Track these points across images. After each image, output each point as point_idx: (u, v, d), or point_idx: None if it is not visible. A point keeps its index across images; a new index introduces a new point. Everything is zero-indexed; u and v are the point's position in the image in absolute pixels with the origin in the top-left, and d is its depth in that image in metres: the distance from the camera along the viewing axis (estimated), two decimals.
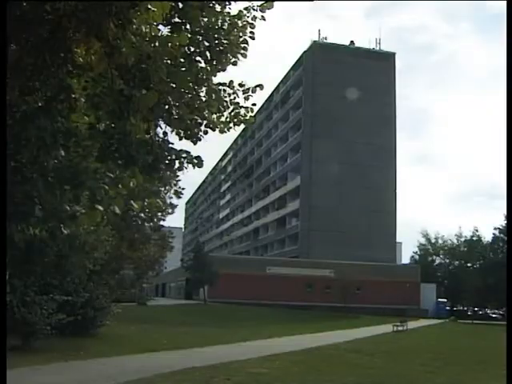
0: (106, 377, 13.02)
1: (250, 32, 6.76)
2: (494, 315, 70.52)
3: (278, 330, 31.82)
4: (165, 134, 6.58)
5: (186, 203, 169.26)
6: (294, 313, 52.04)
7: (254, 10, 6.68)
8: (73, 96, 5.74)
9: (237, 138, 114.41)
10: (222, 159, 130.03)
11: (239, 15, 6.70)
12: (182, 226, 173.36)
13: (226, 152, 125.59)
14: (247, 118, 7.23)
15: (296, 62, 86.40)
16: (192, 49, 6.51)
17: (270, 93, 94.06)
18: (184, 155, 6.55)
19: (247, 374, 14.17)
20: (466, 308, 77.07)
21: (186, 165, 6.60)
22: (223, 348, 20.82)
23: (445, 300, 73.16)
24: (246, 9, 6.71)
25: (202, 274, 58.42)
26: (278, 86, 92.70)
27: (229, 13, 6.72)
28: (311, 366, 16.45)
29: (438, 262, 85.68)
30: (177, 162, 6.55)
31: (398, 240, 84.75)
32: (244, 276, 63.83)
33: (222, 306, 53.74)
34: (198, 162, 6.63)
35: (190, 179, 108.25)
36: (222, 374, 13.80)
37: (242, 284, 62.75)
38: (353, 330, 35.78)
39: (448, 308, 72.13)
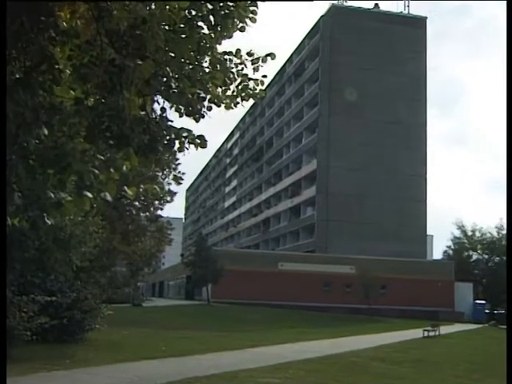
0: None
1: None
2: None
3: (291, 334, 31.85)
4: (163, 110, 6.53)
5: (187, 190, 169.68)
6: (309, 315, 52.09)
7: None
8: (56, 67, 5.68)
9: (244, 115, 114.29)
10: (227, 140, 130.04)
11: None
12: (183, 217, 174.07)
13: (232, 132, 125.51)
14: (257, 91, 7.17)
15: (312, 29, 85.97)
16: (193, 12, 6.43)
17: (282, 64, 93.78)
18: (185, 134, 6.50)
19: None
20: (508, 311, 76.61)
21: (187, 145, 6.55)
22: (229, 355, 20.85)
23: (483, 302, 72.73)
24: None
25: (204, 271, 58.55)
26: (292, 56, 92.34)
27: None
28: (329, 376, 16.45)
29: (475, 257, 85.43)
30: (177, 141, 6.49)
31: (428, 232, 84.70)
32: (253, 273, 63.96)
33: (228, 308, 53.87)
34: (200, 141, 6.58)
35: (191, 163, 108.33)
36: None
37: (250, 282, 62.88)
38: (377, 334, 35.77)
39: (487, 311, 71.76)
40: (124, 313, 39.12)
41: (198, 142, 6.59)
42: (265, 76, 7.22)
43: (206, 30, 6.60)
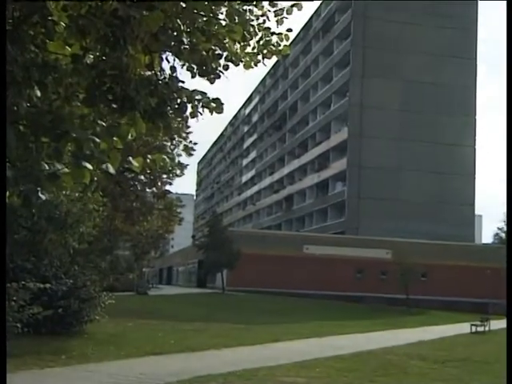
0: None
1: None
2: None
3: (318, 327, 31.94)
4: (173, 69, 6.49)
5: (199, 163, 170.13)
6: (338, 306, 52.20)
7: None
8: (50, 18, 5.64)
9: (265, 77, 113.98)
10: (245, 105, 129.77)
11: None
12: (194, 193, 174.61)
13: (251, 96, 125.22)
14: (280, 48, 7.10)
15: None
16: None
17: (308, 18, 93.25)
18: (198, 97, 6.45)
19: None
20: None
21: (200, 110, 6.50)
22: (247, 350, 20.94)
23: None
24: None
25: (219, 255, 58.71)
26: (319, 8, 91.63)
27: None
28: (362, 375, 16.46)
29: None
30: (189, 105, 6.45)
31: (477, 212, 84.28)
32: (274, 257, 64.09)
33: (245, 297, 54.11)
34: (216, 105, 6.52)
35: (204, 132, 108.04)
36: None
37: (271, 268, 63.05)
38: (416, 329, 35.79)
39: None
40: (127, 302, 39.40)
41: (213, 106, 6.54)
42: (290, 30, 7.15)
43: None
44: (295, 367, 17.04)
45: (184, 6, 6.15)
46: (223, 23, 6.64)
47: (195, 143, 45.60)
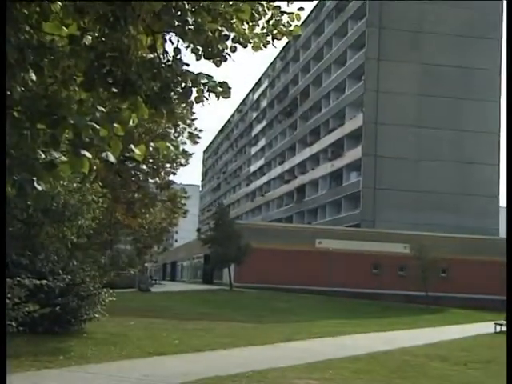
0: None
1: None
2: None
3: (331, 326, 31.95)
4: (177, 50, 6.48)
5: (205, 152, 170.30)
6: (354, 303, 52.21)
7: None
8: None
9: (275, 60, 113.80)
10: (253, 90, 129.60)
11: None
12: (199, 184, 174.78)
13: (260, 80, 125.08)
14: (291, 28, 7.10)
15: None
16: None
17: None
18: (204, 81, 6.44)
19: None
20: None
21: (206, 94, 6.49)
22: (256, 350, 20.98)
23: None
24: None
25: (226, 249, 58.74)
26: None
27: None
28: (378, 378, 16.47)
29: None
30: (194, 90, 6.44)
31: (502, 204, 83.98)
32: (284, 252, 64.15)
33: (254, 293, 54.18)
34: (223, 90, 6.51)
35: (210, 118, 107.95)
36: None
37: (281, 263, 63.12)
38: (436, 328, 35.77)
39: None
40: (129, 299, 39.50)
41: (220, 90, 6.53)
42: (301, 9, 7.14)
43: None
44: (307, 368, 17.06)
45: None
46: (230, 2, 6.63)
47: (200, 130, 45.64)
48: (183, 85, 6.37)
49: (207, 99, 6.55)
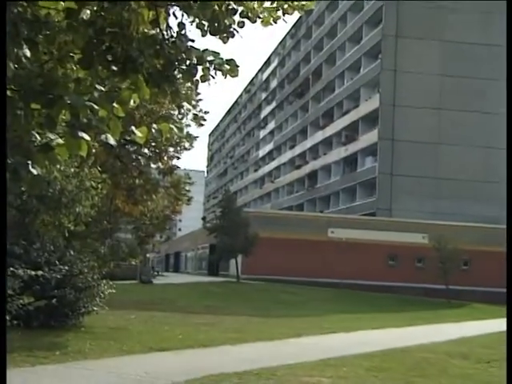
0: None
1: None
2: None
3: (344, 320, 32.01)
4: (181, 26, 6.45)
5: (210, 135, 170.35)
6: (369, 296, 52.24)
7: None
8: None
9: (285, 36, 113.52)
10: (262, 69, 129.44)
11: None
12: (204, 169, 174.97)
13: (269, 58, 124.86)
14: (303, 2, 7.06)
15: None
16: None
17: None
18: (210, 58, 6.42)
19: None
20: None
21: (212, 72, 6.47)
22: (265, 346, 21.01)
23: None
24: None
25: (233, 239, 58.82)
26: None
27: None
28: (395, 376, 16.44)
29: None
30: (199, 68, 6.42)
31: None
32: (295, 242, 64.20)
33: (263, 286, 54.27)
34: (230, 67, 6.49)
35: (216, 99, 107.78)
36: None
37: (291, 253, 63.17)
38: (457, 324, 35.76)
39: None
40: (130, 292, 39.62)
41: (227, 68, 6.51)
42: None
43: None
44: (319, 365, 17.04)
45: None
46: None
47: (206, 112, 45.31)
48: (188, 62, 6.36)
49: (213, 78, 6.54)
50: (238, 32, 6.74)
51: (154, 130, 6.34)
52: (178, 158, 47.82)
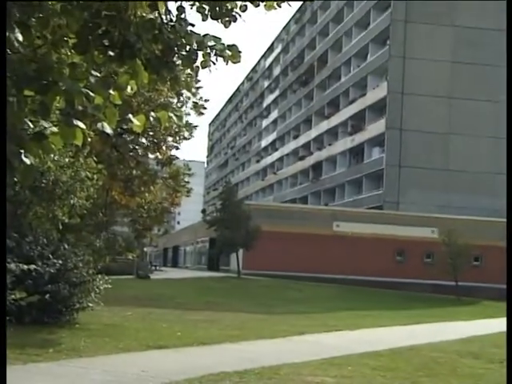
0: None
1: None
2: None
3: (349, 318, 32.04)
4: (180, 9, 6.44)
5: (210, 124, 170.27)
6: (374, 293, 52.29)
7: None
8: None
9: (289, 21, 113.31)
10: (265, 56, 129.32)
11: None
12: (205, 160, 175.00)
13: (273, 44, 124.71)
14: None
15: None
16: None
17: None
18: (211, 43, 6.41)
19: None
20: None
21: (213, 58, 6.46)
22: (267, 344, 21.02)
23: None
24: None
25: (234, 233, 58.83)
26: None
27: None
28: (402, 375, 16.44)
29: None
30: (199, 53, 6.40)
31: None
32: (298, 236, 64.21)
33: (265, 282, 54.31)
34: (232, 53, 6.48)
35: (217, 87, 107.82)
36: None
37: (295, 248, 63.17)
38: (467, 322, 35.76)
39: None
40: (126, 287, 39.65)
41: (229, 54, 6.50)
42: None
43: None
44: (323, 365, 17.06)
45: None
46: None
47: (206, 100, 45.24)
48: (188, 48, 6.34)
49: (214, 64, 6.52)
50: (240, 16, 6.72)
51: (152, 119, 6.32)
52: (177, 148, 47.67)
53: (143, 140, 40.72)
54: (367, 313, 36.46)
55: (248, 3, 6.80)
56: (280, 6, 7.06)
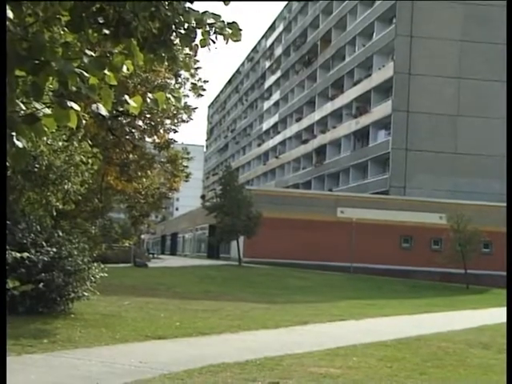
0: (82, 379, 13.15)
1: None
2: None
3: (355, 307, 32.06)
4: None
5: (210, 107, 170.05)
6: (380, 281, 52.33)
7: None
8: None
9: None
10: (266, 35, 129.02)
11: None
12: (204, 144, 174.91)
13: (274, 23, 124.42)
14: None
15: None
16: None
17: None
18: (210, 21, 6.37)
19: (308, 377, 14.27)
20: None
21: (212, 37, 6.43)
22: (269, 334, 21.04)
23: None
24: None
25: (234, 219, 58.85)
26: None
27: None
28: (410, 366, 16.43)
29: None
30: (198, 31, 6.37)
31: None
32: (301, 222, 64.25)
33: (266, 270, 54.36)
34: (233, 31, 6.44)
35: (216, 68, 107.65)
36: (267, 376, 13.88)
37: (297, 235, 63.23)
38: (477, 311, 35.74)
39: None
40: (123, 276, 39.69)
41: (229, 32, 6.46)
42: None
43: None
44: (328, 355, 17.06)
45: None
46: None
47: (205, 81, 45.17)
48: (186, 26, 6.30)
49: (214, 42, 6.48)
50: None
51: (149, 100, 6.28)
52: (175, 132, 47.62)
53: (140, 123, 40.73)
54: (373, 302, 36.50)
55: None
56: None
